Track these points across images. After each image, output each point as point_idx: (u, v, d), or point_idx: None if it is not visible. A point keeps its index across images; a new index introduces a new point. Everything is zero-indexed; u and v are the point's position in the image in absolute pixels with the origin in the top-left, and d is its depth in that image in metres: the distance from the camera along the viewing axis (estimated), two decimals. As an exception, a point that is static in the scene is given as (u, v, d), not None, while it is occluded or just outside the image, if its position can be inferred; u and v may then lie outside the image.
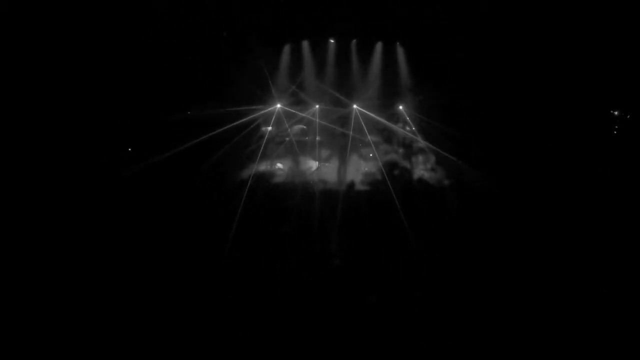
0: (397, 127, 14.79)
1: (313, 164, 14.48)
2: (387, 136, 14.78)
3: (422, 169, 14.30)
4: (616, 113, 13.06)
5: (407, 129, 14.67)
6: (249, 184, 12.55)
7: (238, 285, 9.71)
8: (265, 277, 10.15)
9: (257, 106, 13.70)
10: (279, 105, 14.22)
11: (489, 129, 13.11)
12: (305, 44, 14.56)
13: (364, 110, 14.35)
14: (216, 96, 12.99)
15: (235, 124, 13.34)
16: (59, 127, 11.61)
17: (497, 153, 12.94)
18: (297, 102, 14.40)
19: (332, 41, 14.53)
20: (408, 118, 14.54)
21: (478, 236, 11.40)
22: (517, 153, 12.85)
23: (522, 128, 13.01)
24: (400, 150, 14.70)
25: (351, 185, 13.60)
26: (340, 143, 14.46)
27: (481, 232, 11.53)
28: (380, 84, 14.59)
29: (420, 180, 13.77)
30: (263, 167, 13.91)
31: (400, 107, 14.64)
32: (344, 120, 14.50)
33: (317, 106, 14.44)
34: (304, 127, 14.70)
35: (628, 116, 12.96)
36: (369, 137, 14.44)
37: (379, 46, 14.55)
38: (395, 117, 14.85)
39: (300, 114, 14.35)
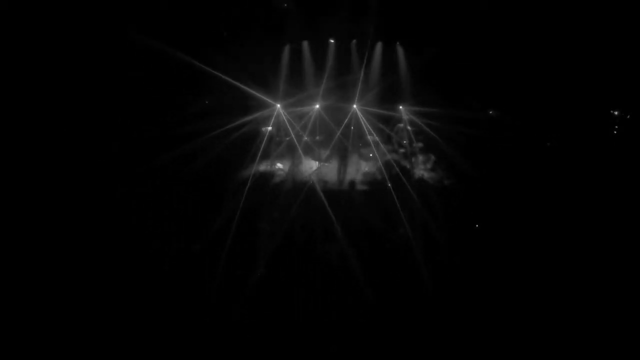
0: (397, 127, 14.79)
1: (313, 164, 14.48)
2: (387, 136, 14.79)
3: (422, 169, 14.29)
4: (616, 113, 13.06)
5: (407, 129, 14.65)
6: (248, 184, 12.55)
7: (237, 284, 9.71)
8: (264, 276, 10.14)
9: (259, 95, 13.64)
10: (279, 106, 14.22)
11: (488, 129, 13.12)
12: (305, 44, 14.56)
13: (365, 108, 14.36)
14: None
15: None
16: (56, 123, 11.64)
17: (498, 153, 12.95)
18: (298, 101, 14.37)
19: (332, 41, 14.52)
20: (410, 117, 14.52)
21: (478, 236, 11.42)
22: (518, 152, 12.85)
23: (523, 127, 13.02)
24: (401, 150, 14.70)
25: (351, 185, 13.61)
26: (340, 145, 14.47)
27: (481, 232, 11.55)
28: (380, 84, 14.59)
29: (420, 180, 13.76)
30: (263, 167, 13.90)
31: (401, 107, 14.63)
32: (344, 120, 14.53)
33: (317, 106, 14.44)
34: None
35: (628, 116, 12.96)
36: (369, 137, 14.45)
37: (379, 46, 14.54)
38: (395, 117, 14.84)
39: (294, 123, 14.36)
